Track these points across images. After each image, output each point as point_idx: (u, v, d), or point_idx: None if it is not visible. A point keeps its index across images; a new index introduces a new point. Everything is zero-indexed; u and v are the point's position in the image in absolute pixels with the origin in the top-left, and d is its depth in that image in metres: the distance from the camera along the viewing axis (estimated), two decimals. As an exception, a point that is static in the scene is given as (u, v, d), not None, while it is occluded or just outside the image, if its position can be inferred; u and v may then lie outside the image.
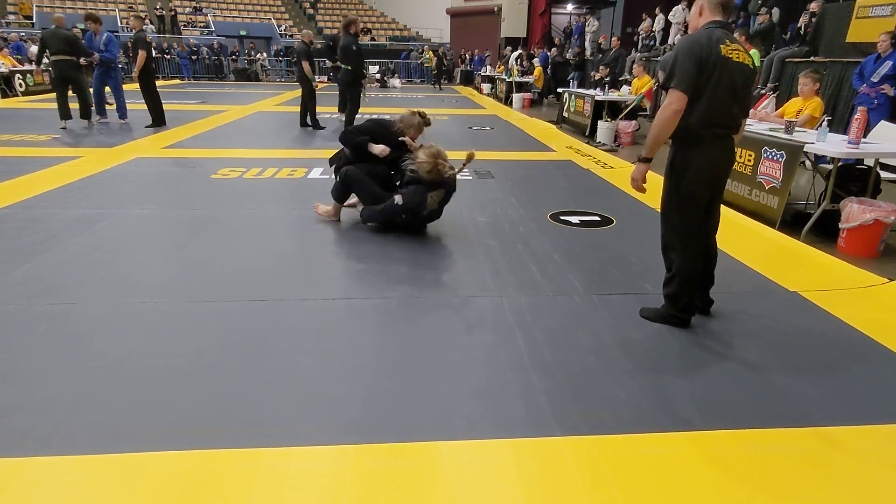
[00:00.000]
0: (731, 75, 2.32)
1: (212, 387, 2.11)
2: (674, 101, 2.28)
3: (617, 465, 1.76)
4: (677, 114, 2.29)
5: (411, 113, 4.18)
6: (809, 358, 2.44)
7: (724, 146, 2.46)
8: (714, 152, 2.43)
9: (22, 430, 1.85)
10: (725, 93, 2.33)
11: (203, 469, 1.70)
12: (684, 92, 2.27)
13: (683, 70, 2.27)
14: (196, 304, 2.80)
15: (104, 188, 5.02)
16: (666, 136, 2.35)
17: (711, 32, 2.33)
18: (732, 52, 2.31)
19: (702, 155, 2.41)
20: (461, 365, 2.31)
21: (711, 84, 2.29)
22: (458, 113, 11.95)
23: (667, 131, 2.34)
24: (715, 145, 2.42)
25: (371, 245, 3.72)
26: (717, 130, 2.39)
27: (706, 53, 2.27)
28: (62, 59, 8.03)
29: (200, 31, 24.95)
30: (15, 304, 2.72)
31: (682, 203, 2.49)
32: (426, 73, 24.52)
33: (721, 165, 2.50)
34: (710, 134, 2.38)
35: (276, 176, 5.66)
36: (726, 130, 2.43)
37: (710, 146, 2.40)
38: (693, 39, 2.33)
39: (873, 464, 1.79)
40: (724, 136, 2.44)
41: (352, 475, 1.69)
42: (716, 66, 2.27)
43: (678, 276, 2.57)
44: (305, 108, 8.95)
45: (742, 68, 2.35)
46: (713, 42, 2.29)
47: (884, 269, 3.42)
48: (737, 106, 2.41)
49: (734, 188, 4.86)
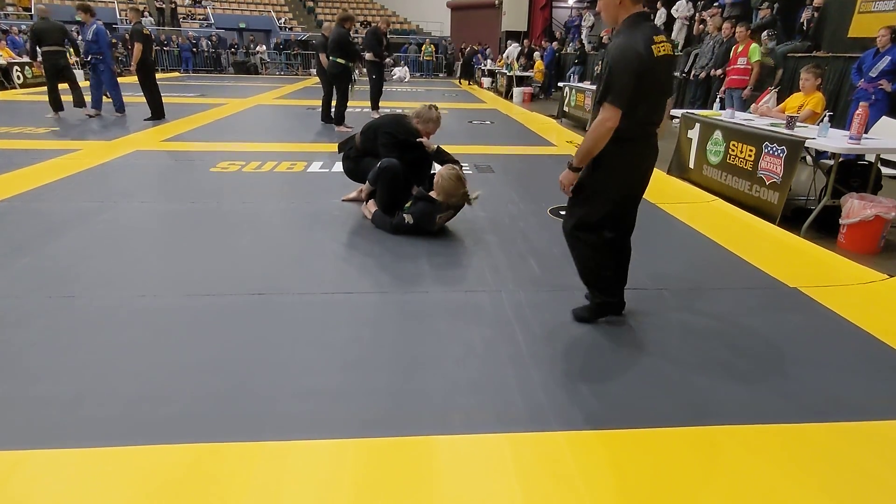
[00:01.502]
0: (662, 74, 2.25)
1: (211, 380, 2.11)
2: (609, 117, 2.17)
3: (615, 460, 1.76)
4: (611, 130, 2.18)
5: (427, 107, 4.05)
6: (808, 354, 2.44)
7: (651, 143, 2.40)
8: (641, 150, 2.36)
9: (21, 423, 1.85)
10: (658, 93, 2.28)
11: (202, 462, 1.70)
12: (620, 108, 2.15)
13: (621, 85, 2.14)
14: (195, 297, 2.79)
15: (103, 181, 5.00)
16: (598, 149, 2.24)
17: (643, 33, 2.17)
18: (661, 48, 2.18)
19: (630, 152, 2.31)
20: (460, 359, 2.31)
21: (647, 88, 2.19)
22: (459, 107, 11.92)
23: (599, 146, 2.23)
24: (643, 143, 2.35)
25: (371, 239, 3.72)
26: (649, 129, 2.34)
27: (643, 64, 2.13)
28: (54, 51, 8.03)
29: (200, 24, 24.83)
30: (14, 298, 2.72)
31: (595, 196, 2.40)
32: (425, 67, 24.47)
33: (647, 162, 2.44)
34: (643, 133, 2.32)
35: (275, 169, 5.64)
36: (656, 127, 2.38)
37: (638, 144, 2.33)
38: (628, 49, 2.14)
39: (872, 460, 1.79)
40: (653, 132, 2.38)
41: (351, 469, 1.69)
42: (651, 72, 2.16)
43: (581, 264, 2.54)
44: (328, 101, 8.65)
45: (669, 62, 2.25)
46: (646, 45, 2.14)
47: (884, 265, 3.41)
48: (665, 100, 2.36)
49: (734, 183, 4.86)
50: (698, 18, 10.92)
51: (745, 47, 7.53)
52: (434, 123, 4.04)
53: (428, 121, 4.01)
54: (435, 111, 4.04)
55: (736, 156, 4.86)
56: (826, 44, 8.11)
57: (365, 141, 4.12)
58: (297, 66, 23.71)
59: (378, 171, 3.82)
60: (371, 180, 3.92)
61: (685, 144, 5.72)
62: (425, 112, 4.01)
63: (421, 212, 3.68)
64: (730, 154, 4.96)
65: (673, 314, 2.77)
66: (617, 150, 2.26)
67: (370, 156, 4.05)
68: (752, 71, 7.48)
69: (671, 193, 5.07)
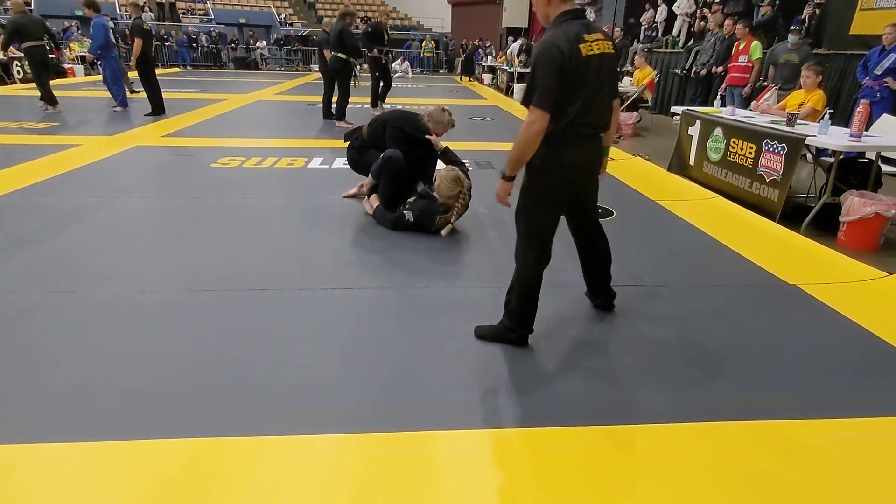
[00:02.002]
0: (595, 74, 2.11)
1: (211, 375, 2.11)
2: (535, 119, 2.05)
3: (615, 456, 1.77)
4: (540, 133, 2.07)
5: (441, 109, 4.03)
6: (807, 351, 2.44)
7: (588, 147, 2.25)
8: (575, 153, 2.20)
9: (23, 416, 1.86)
10: (591, 94, 2.13)
11: (202, 456, 1.70)
12: (545, 111, 2.04)
13: (545, 86, 2.03)
14: (195, 293, 2.80)
15: (104, 176, 5.00)
16: (529, 155, 2.13)
17: (568, 31, 2.06)
18: (594, 46, 2.08)
19: (563, 156, 2.18)
20: (459, 355, 2.31)
21: (576, 89, 2.08)
22: (459, 103, 11.90)
23: (529, 151, 2.12)
24: (578, 146, 2.20)
25: (371, 235, 3.72)
26: (583, 130, 2.17)
27: (567, 62, 2.02)
28: (37, 45, 8.05)
29: (200, 19, 24.77)
30: (15, 293, 2.72)
31: (534, 204, 2.29)
32: (425, 63, 24.41)
33: (583, 169, 2.30)
34: (574, 134, 2.16)
35: (275, 165, 5.64)
36: (593, 130, 2.23)
37: (572, 147, 2.18)
38: (549, 47, 2.04)
39: (871, 458, 1.80)
40: (591, 135, 2.23)
41: (350, 464, 1.70)
42: (578, 70, 2.05)
43: (518, 285, 2.37)
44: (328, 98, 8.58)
45: (605, 60, 2.14)
46: (572, 44, 2.04)
47: (884, 262, 3.42)
48: (606, 99, 2.24)
49: (735, 180, 4.85)
50: (699, 15, 10.89)
51: (746, 45, 7.51)
52: (444, 126, 4.01)
53: (438, 122, 3.98)
54: (448, 115, 4.01)
55: (736, 153, 4.86)
56: (827, 41, 8.08)
57: (372, 133, 4.13)
58: (297, 61, 23.66)
59: (382, 162, 3.82)
60: (374, 173, 3.92)
61: (686, 141, 5.71)
62: (437, 114, 4.00)
63: (421, 209, 3.68)
64: (730, 151, 4.95)
65: (672, 311, 2.77)
66: (550, 155, 2.16)
67: (375, 148, 4.06)
68: (753, 69, 7.47)
69: (671, 190, 5.06)
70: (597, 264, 2.66)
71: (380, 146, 4.00)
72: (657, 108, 10.53)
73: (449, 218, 3.68)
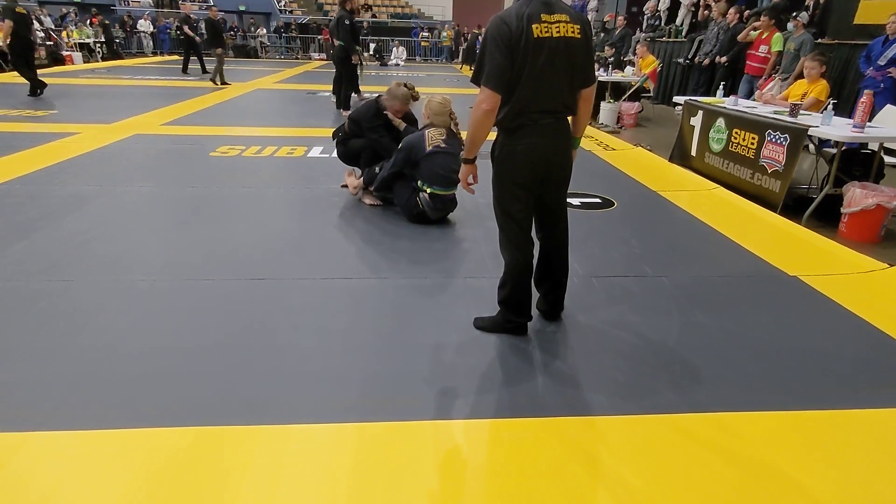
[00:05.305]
0: (551, 56, 2.01)
1: (210, 364, 2.12)
2: (484, 99, 2.01)
3: (617, 447, 1.77)
4: (490, 113, 2.03)
5: (397, 84, 4.06)
6: (808, 342, 2.44)
7: (548, 132, 2.15)
8: (535, 140, 2.13)
9: (23, 405, 1.86)
10: (546, 77, 2.03)
11: (202, 445, 1.71)
12: (494, 89, 2.00)
13: (492, 64, 1.99)
14: (194, 282, 2.79)
15: (102, 165, 4.98)
16: (483, 135, 2.11)
17: (524, 10, 1.99)
18: (552, 28, 2.00)
19: (521, 142, 2.13)
20: (459, 345, 2.31)
21: (526, 72, 2.00)
22: (458, 92, 11.82)
23: (482, 131, 2.08)
24: (536, 132, 2.12)
25: (370, 225, 3.71)
26: (535, 116, 2.10)
27: (515, 41, 1.96)
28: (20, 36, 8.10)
29: (199, 6, 24.54)
30: (13, 281, 2.72)
31: (502, 195, 2.25)
32: (433, 52, 24.17)
33: (544, 154, 2.18)
34: (528, 121, 2.10)
35: (275, 154, 5.62)
36: (551, 116, 2.14)
37: (530, 133, 2.12)
38: (499, 23, 1.99)
39: (871, 448, 1.80)
40: (547, 122, 2.14)
41: (350, 453, 1.70)
42: (528, 51, 1.98)
43: (507, 276, 2.35)
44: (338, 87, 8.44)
45: (566, 43, 2.03)
46: (523, 23, 1.97)
47: (884, 254, 3.41)
48: (566, 86, 2.12)
49: (736, 171, 4.83)
50: (703, 4, 10.79)
51: (768, 35, 7.46)
52: (401, 100, 4.03)
53: (395, 98, 4.03)
54: (404, 88, 4.04)
55: (738, 143, 4.83)
56: (831, 31, 8.01)
57: (350, 126, 4.19)
58: (297, 49, 23.48)
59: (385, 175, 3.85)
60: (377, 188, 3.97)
61: (688, 132, 5.68)
62: (394, 89, 4.05)
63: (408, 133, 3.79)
64: (732, 142, 4.92)
65: (673, 302, 2.77)
66: (506, 143, 2.15)
67: (356, 137, 4.13)
68: (771, 60, 7.43)
69: (672, 181, 5.04)
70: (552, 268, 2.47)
71: (360, 135, 4.07)
72: (659, 97, 10.47)
73: (440, 134, 3.67)
